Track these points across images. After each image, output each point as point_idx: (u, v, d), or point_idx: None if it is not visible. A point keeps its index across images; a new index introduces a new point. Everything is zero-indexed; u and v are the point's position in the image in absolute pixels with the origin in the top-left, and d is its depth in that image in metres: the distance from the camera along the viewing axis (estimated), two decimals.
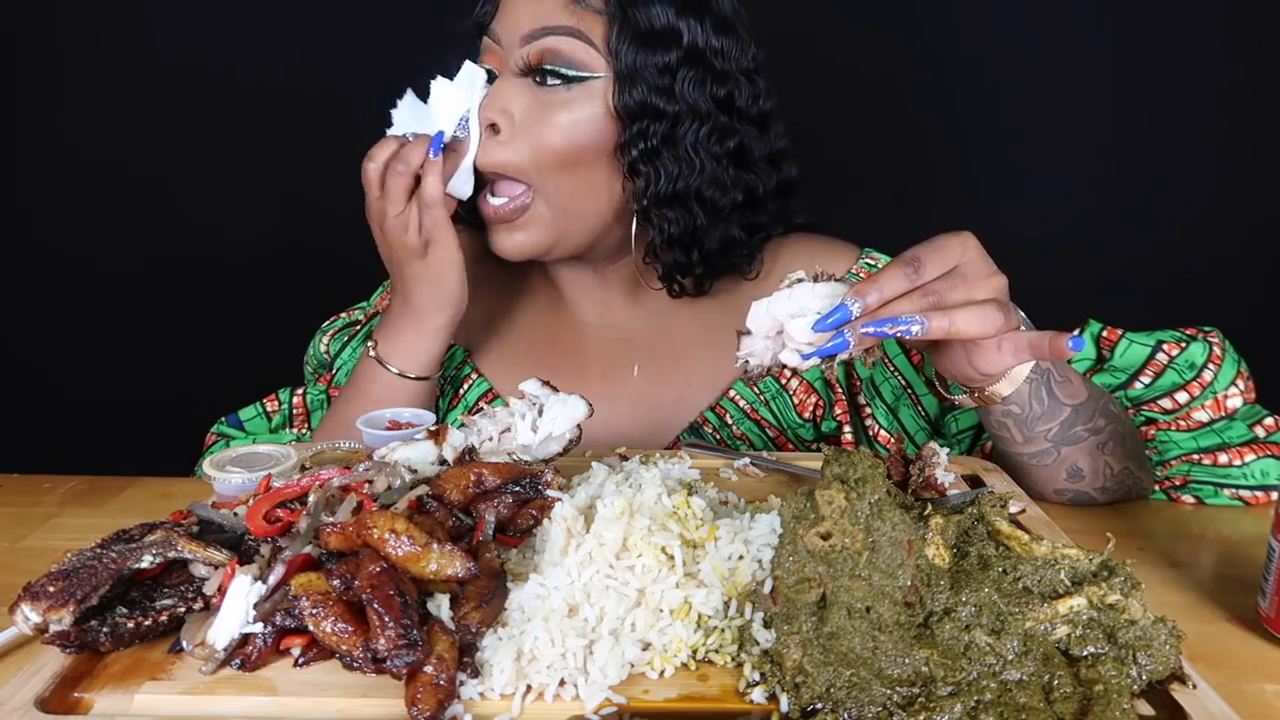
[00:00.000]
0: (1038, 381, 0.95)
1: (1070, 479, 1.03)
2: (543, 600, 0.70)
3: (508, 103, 1.09)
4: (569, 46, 1.07)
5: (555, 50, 1.07)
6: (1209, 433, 1.11)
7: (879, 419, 1.23)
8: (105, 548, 0.72)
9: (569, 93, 1.08)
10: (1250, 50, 1.86)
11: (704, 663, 0.70)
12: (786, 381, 1.26)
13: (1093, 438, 1.01)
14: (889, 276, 0.81)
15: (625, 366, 1.27)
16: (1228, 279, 1.92)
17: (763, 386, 1.26)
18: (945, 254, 0.83)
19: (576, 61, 1.07)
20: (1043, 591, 0.70)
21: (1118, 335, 1.17)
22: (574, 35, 1.07)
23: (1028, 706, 0.63)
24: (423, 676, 0.62)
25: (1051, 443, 1.00)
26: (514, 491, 0.81)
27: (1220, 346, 1.14)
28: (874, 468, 0.74)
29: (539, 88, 1.09)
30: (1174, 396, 1.12)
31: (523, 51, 1.08)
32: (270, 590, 0.70)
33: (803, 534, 0.70)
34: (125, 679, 0.67)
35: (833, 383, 1.25)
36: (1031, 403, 0.96)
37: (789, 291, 0.83)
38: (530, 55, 1.08)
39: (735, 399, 1.25)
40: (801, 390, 1.26)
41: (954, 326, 0.81)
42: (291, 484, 0.83)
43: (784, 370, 0.80)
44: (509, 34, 1.09)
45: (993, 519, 0.76)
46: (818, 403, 1.26)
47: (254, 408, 1.33)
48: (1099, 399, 1.01)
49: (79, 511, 1.03)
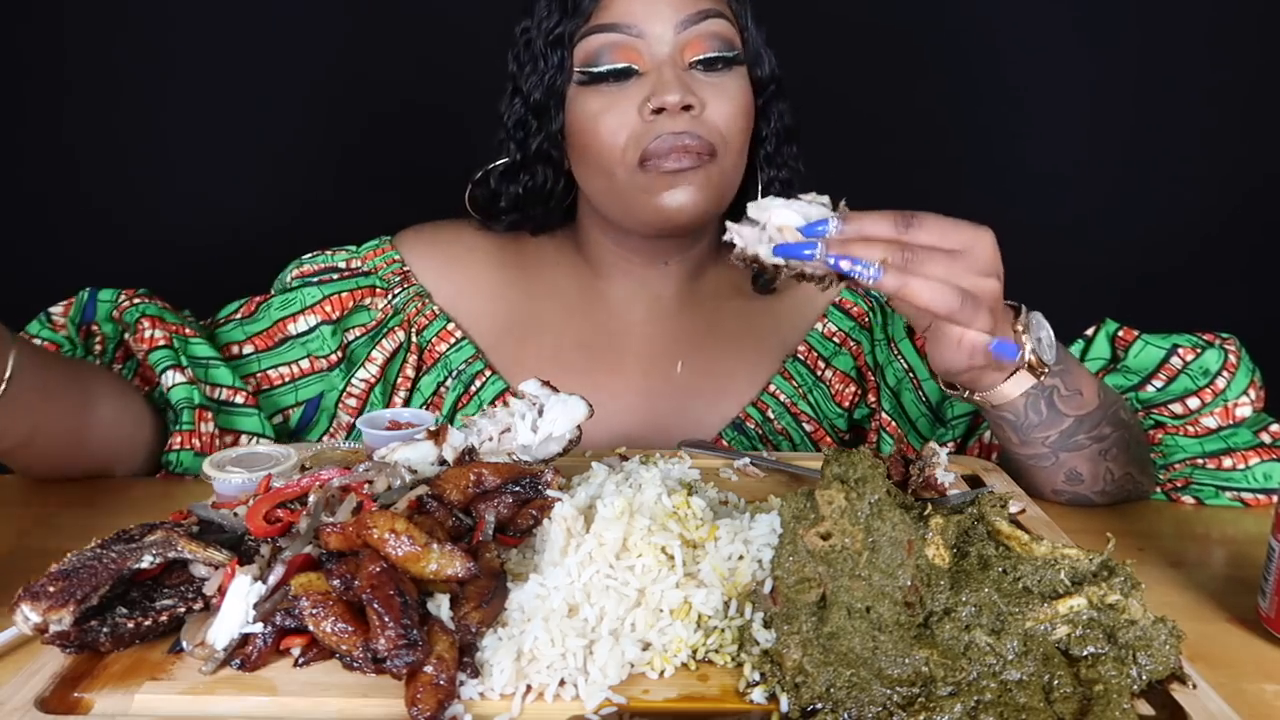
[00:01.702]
0: (1036, 395, 0.94)
1: (1069, 482, 1.03)
2: (543, 600, 0.70)
3: (690, 87, 1.09)
4: (721, 27, 1.12)
5: (715, 33, 1.11)
6: (1215, 438, 1.10)
7: (883, 403, 1.25)
8: (105, 548, 0.72)
9: (730, 70, 1.13)
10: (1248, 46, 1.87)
11: (704, 663, 0.70)
12: (822, 372, 1.28)
13: (1095, 445, 1.00)
14: (877, 217, 0.81)
15: (667, 365, 1.26)
16: (1240, 277, 1.92)
17: (799, 380, 1.26)
18: (952, 230, 0.81)
19: (730, 39, 1.13)
20: (1043, 591, 0.70)
21: (1133, 336, 1.17)
22: (722, 16, 1.12)
23: (1028, 706, 0.63)
24: (423, 676, 0.62)
25: (1050, 448, 1.00)
26: (514, 491, 0.81)
27: (1236, 355, 1.13)
28: (874, 468, 0.74)
29: (704, 70, 1.11)
30: (1185, 402, 1.12)
31: (682, 37, 1.10)
32: (270, 590, 0.70)
33: (803, 534, 0.70)
34: (125, 679, 0.67)
35: (865, 371, 1.27)
36: (1028, 413, 0.96)
37: (803, 201, 0.83)
38: (691, 40, 1.10)
39: (776, 393, 1.26)
40: (837, 380, 1.28)
41: (906, 288, 0.79)
42: (291, 484, 0.83)
43: (758, 262, 0.82)
44: (656, 24, 1.09)
45: (993, 519, 0.76)
46: (855, 392, 1.28)
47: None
48: (1109, 408, 1.00)
49: (79, 511, 1.03)
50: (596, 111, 1.11)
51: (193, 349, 1.17)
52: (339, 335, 1.24)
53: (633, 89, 1.10)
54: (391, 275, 1.28)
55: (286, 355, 1.23)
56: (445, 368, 1.26)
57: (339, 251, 1.30)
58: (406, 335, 1.26)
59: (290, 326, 1.23)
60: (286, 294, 1.25)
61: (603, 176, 1.14)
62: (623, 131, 1.10)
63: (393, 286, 1.27)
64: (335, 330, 1.24)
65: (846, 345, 1.29)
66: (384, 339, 1.26)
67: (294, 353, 1.23)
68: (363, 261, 1.29)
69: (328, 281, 1.26)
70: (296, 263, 1.30)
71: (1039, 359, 0.91)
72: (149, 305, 1.18)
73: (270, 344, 1.23)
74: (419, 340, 1.27)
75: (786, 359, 1.28)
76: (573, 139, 1.16)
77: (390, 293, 1.27)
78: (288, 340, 1.23)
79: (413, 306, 1.27)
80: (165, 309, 1.19)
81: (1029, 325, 0.92)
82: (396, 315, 1.27)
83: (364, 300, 1.26)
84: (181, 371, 1.14)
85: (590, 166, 1.15)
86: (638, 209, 1.13)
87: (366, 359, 1.25)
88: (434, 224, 1.34)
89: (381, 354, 1.26)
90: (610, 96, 1.10)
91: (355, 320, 1.26)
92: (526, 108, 1.18)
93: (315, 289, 1.25)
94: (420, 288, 1.28)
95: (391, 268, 1.29)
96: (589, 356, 1.26)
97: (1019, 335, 0.91)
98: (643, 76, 1.10)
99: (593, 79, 1.11)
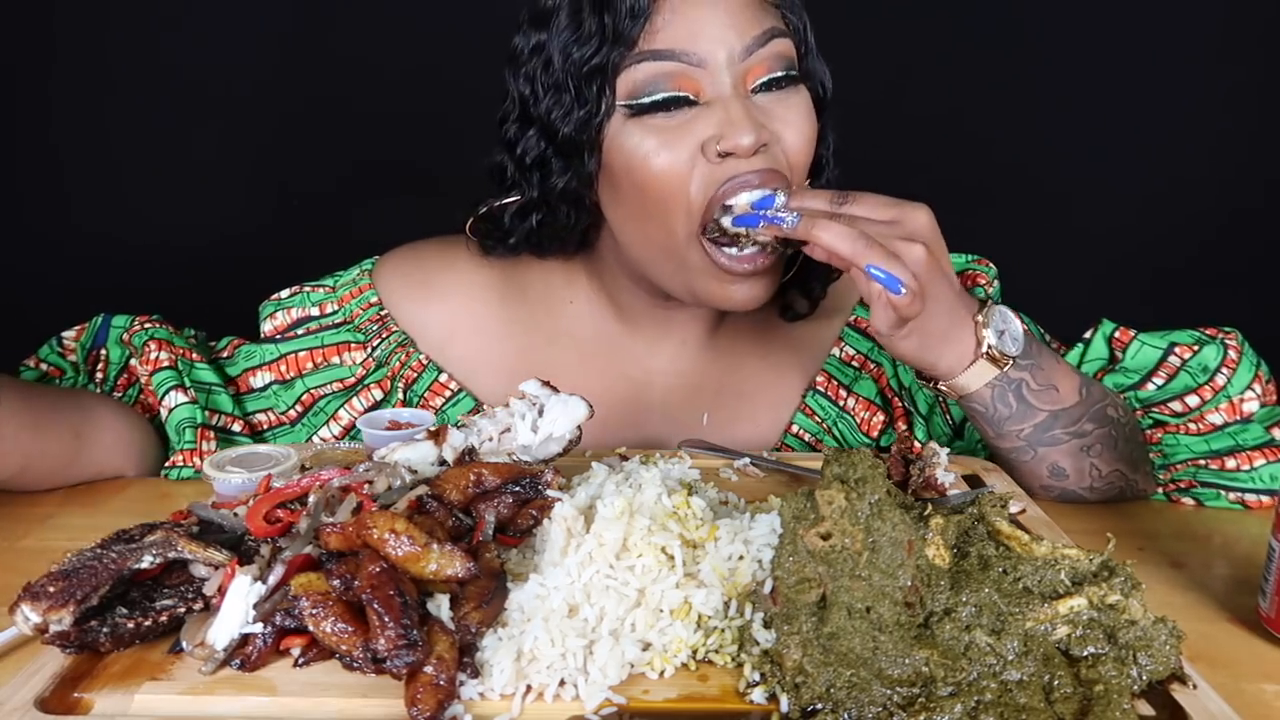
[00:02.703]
0: (1002, 387, 0.96)
1: (1053, 477, 1.03)
2: (543, 600, 0.70)
3: (759, 120, 0.96)
4: (784, 47, 0.99)
5: (779, 53, 0.98)
6: (1223, 435, 1.10)
7: (915, 431, 1.21)
8: (105, 548, 0.72)
9: (794, 88, 1.01)
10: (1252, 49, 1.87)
11: (704, 663, 0.70)
12: (845, 402, 1.21)
13: (1075, 441, 1.00)
14: (816, 193, 0.93)
15: (691, 414, 1.19)
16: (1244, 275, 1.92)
17: (822, 414, 1.21)
18: (885, 205, 0.90)
19: (792, 58, 1.00)
20: (1043, 592, 0.70)
21: (1130, 336, 1.16)
22: (784, 34, 1.00)
23: (1028, 707, 0.63)
24: (423, 676, 0.62)
25: (1026, 441, 1.00)
26: (514, 491, 0.81)
27: (1236, 350, 1.12)
28: (874, 468, 0.74)
29: (767, 94, 0.99)
30: (1184, 400, 1.11)
31: (746, 65, 0.96)
32: (270, 590, 0.70)
33: (803, 534, 0.70)
34: (125, 679, 0.67)
35: (891, 395, 1.21)
36: (996, 404, 0.97)
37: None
38: (755, 65, 0.97)
39: (800, 434, 1.20)
40: (862, 408, 1.21)
41: (810, 231, 0.87)
42: (291, 484, 0.83)
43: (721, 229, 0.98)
44: (718, 50, 0.95)
45: (993, 519, 0.76)
46: (883, 420, 1.21)
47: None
48: (1092, 404, 1.01)
49: (79, 511, 1.03)
50: (650, 150, 0.96)
51: (197, 373, 1.17)
52: (294, 394, 1.19)
53: (692, 122, 0.96)
54: (368, 324, 1.19)
55: (258, 404, 1.22)
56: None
57: (316, 289, 1.22)
58: (390, 391, 1.18)
59: (252, 379, 1.21)
60: (251, 346, 1.22)
61: (658, 228, 1.00)
62: (683, 173, 0.96)
63: (370, 337, 1.19)
64: (287, 389, 1.19)
65: (866, 368, 1.22)
66: (356, 398, 1.19)
67: (262, 403, 1.21)
68: (339, 305, 1.21)
69: (290, 339, 1.20)
70: (275, 304, 1.22)
71: (1001, 352, 0.95)
72: (158, 329, 1.18)
73: (245, 390, 1.22)
74: (409, 396, 1.18)
75: (807, 392, 1.21)
76: (613, 178, 1.00)
77: (369, 345, 1.18)
78: (253, 392, 1.21)
79: (396, 359, 1.18)
80: (174, 334, 1.20)
81: (989, 318, 0.95)
82: (380, 369, 1.18)
83: (334, 358, 1.19)
84: (185, 392, 1.14)
85: (637, 211, 1.01)
86: (699, 290, 1.02)
87: (332, 417, 1.19)
88: (419, 249, 1.22)
89: (350, 414, 1.18)
90: (665, 133, 0.96)
91: (323, 377, 1.19)
92: (550, 142, 1.02)
93: (274, 346, 1.20)
94: (401, 334, 1.18)
95: (368, 313, 1.19)
96: (609, 407, 1.12)
97: (978, 327, 0.95)
98: (701, 107, 0.96)
99: (642, 110, 0.96)
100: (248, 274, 1.37)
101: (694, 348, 1.20)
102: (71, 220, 2.09)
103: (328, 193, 2.09)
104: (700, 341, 1.20)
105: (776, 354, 1.22)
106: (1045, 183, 2.02)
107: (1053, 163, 2.01)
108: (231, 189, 2.09)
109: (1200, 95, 1.92)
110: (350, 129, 2.05)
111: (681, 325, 1.18)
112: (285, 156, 2.06)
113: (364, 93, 2.02)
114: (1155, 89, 1.93)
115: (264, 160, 2.08)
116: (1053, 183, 2.01)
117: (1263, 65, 1.88)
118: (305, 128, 2.08)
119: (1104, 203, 2.01)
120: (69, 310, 1.23)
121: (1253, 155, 1.92)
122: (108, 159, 2.06)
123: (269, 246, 1.54)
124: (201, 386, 1.17)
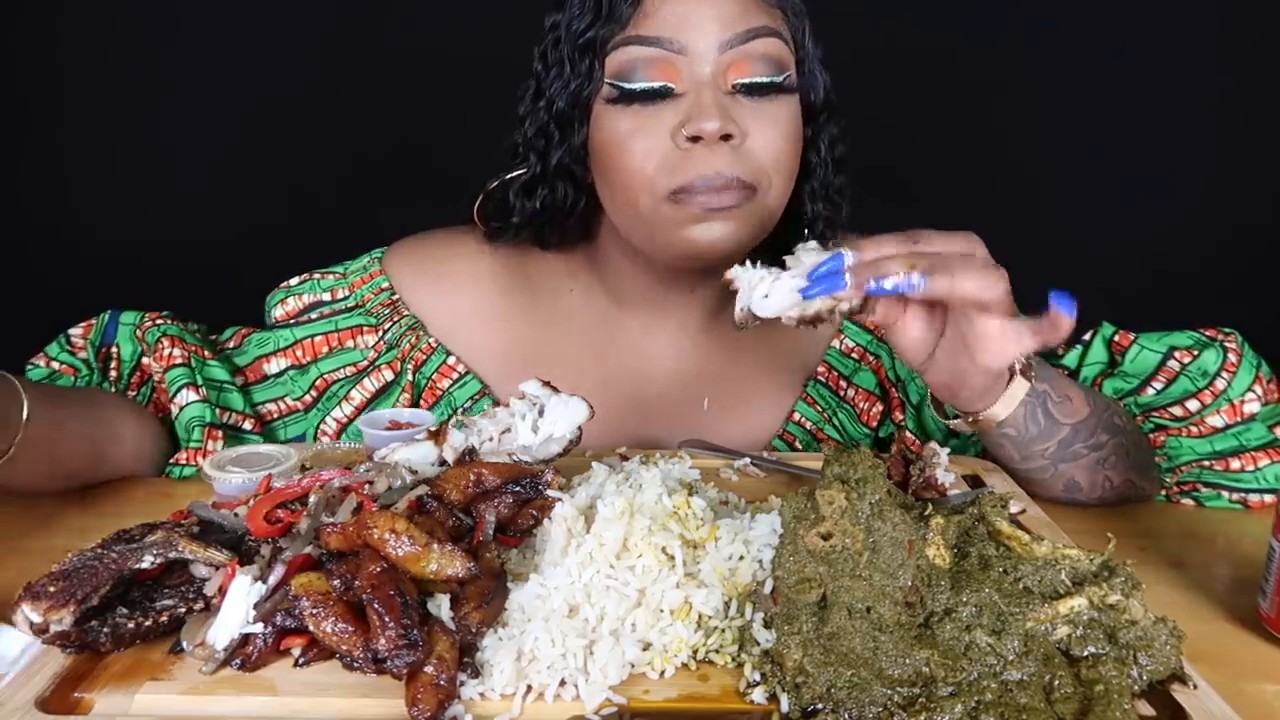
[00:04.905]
0: (1033, 403, 0.93)
1: (1067, 491, 1.03)
2: (543, 600, 0.70)
3: (731, 114, 0.98)
4: (772, 47, 1.00)
5: (764, 54, 1.00)
6: (1227, 436, 1.09)
7: (907, 422, 1.21)
8: (105, 548, 0.72)
9: (781, 95, 1.02)
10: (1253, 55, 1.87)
11: (704, 663, 0.70)
12: (845, 392, 1.23)
13: (1092, 454, 1.00)
14: (885, 237, 0.81)
15: (691, 400, 1.20)
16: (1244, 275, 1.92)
17: (823, 404, 1.22)
18: (952, 237, 0.82)
19: (781, 61, 1.01)
20: (1043, 592, 0.70)
21: (1129, 340, 1.15)
22: (775, 35, 1.01)
23: (1028, 707, 0.63)
24: (423, 676, 0.62)
25: (1049, 460, 0.99)
26: (514, 491, 0.81)
27: (1236, 353, 1.11)
28: (874, 468, 0.75)
29: (747, 94, 1.00)
30: (1185, 404, 1.10)
31: (726, 57, 0.99)
32: (270, 590, 0.70)
33: (803, 534, 0.71)
34: (125, 679, 0.67)
35: (889, 386, 1.23)
36: (1028, 425, 0.94)
37: (796, 255, 0.84)
38: (737, 60, 0.99)
39: (802, 422, 1.22)
40: (861, 399, 1.23)
41: (956, 285, 0.78)
42: (292, 484, 0.83)
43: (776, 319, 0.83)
44: (699, 40, 0.98)
45: (993, 519, 0.76)
46: (880, 410, 1.23)
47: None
48: (1103, 413, 1.00)
49: (79, 511, 1.03)
50: (626, 133, 1.01)
51: (209, 371, 1.17)
52: (309, 378, 1.20)
53: (667, 111, 0.99)
54: (380, 308, 1.21)
55: (269, 392, 1.21)
56: (450, 405, 1.19)
57: (326, 276, 1.23)
58: (400, 372, 1.20)
59: (266, 366, 1.21)
60: (263, 333, 1.22)
61: (627, 202, 1.04)
62: (653, 157, 0.99)
63: (382, 321, 1.21)
64: (303, 373, 1.20)
65: (866, 360, 1.24)
66: (368, 378, 1.20)
67: (275, 391, 1.21)
68: (350, 290, 1.22)
69: (304, 323, 1.21)
70: (285, 290, 1.23)
71: (1026, 361, 0.92)
72: (170, 326, 1.18)
73: (255, 379, 1.22)
74: (418, 378, 1.20)
75: (808, 382, 1.23)
76: (597, 157, 1.05)
77: (380, 328, 1.20)
78: (267, 379, 1.21)
79: (407, 341, 1.20)
80: (186, 330, 1.19)
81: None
82: (391, 351, 1.20)
83: (348, 341, 1.20)
84: (196, 390, 1.14)
85: (614, 189, 1.05)
86: (665, 239, 1.04)
87: (344, 398, 1.20)
88: (426, 239, 1.26)
89: (362, 394, 1.20)
90: (642, 118, 1.00)
91: (337, 361, 1.20)
92: (550, 115, 1.07)
93: (288, 331, 1.21)
94: (413, 318, 1.21)
95: (380, 298, 1.21)
96: (609, 394, 1.15)
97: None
98: (679, 98, 0.99)
99: (624, 96, 1.00)
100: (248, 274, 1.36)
101: (693, 332, 1.22)
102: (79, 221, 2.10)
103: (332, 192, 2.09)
104: (700, 326, 1.22)
105: (777, 344, 1.24)
106: (1043, 183, 2.02)
107: (1052, 163, 2.01)
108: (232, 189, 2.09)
109: (1201, 96, 1.92)
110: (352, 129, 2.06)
111: (681, 310, 1.20)
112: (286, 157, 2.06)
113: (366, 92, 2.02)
114: (1155, 90, 1.93)
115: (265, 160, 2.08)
116: (1052, 183, 2.01)
117: (1264, 66, 1.88)
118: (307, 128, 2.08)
119: (1103, 203, 2.01)
120: (69, 309, 1.23)
121: (1253, 155, 1.92)
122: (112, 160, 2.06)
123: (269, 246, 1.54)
124: (214, 384, 1.17)
